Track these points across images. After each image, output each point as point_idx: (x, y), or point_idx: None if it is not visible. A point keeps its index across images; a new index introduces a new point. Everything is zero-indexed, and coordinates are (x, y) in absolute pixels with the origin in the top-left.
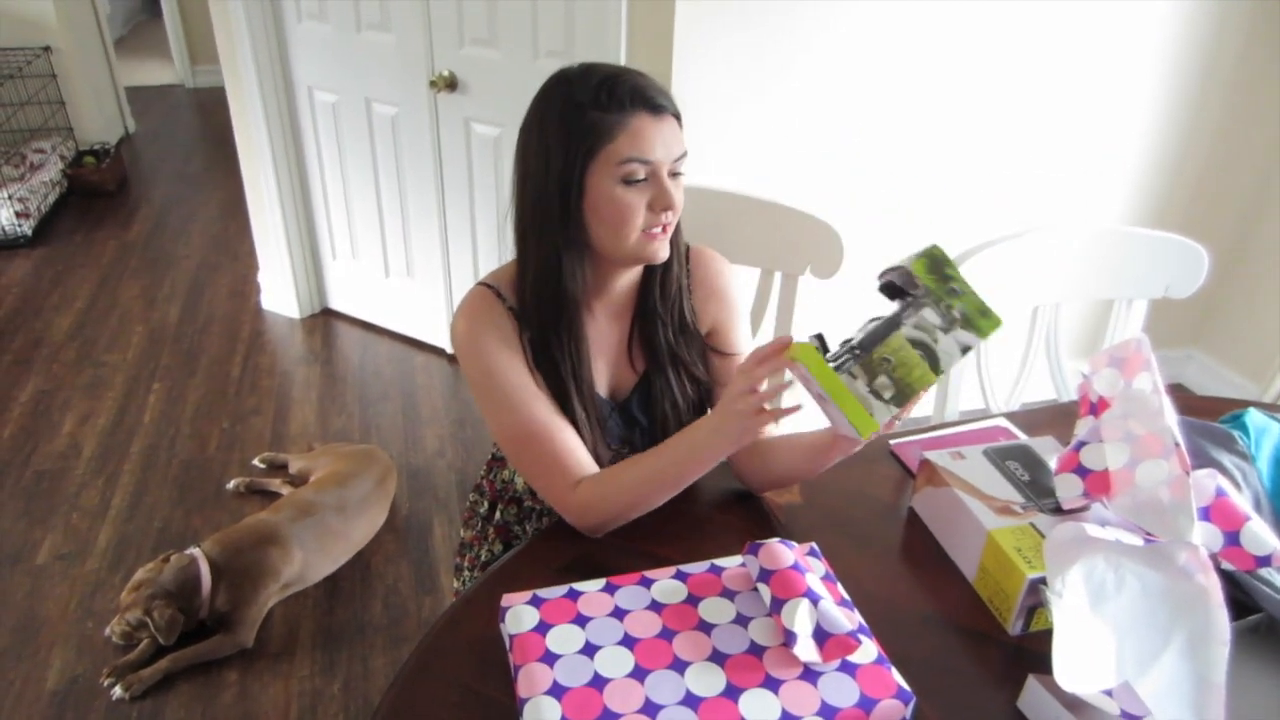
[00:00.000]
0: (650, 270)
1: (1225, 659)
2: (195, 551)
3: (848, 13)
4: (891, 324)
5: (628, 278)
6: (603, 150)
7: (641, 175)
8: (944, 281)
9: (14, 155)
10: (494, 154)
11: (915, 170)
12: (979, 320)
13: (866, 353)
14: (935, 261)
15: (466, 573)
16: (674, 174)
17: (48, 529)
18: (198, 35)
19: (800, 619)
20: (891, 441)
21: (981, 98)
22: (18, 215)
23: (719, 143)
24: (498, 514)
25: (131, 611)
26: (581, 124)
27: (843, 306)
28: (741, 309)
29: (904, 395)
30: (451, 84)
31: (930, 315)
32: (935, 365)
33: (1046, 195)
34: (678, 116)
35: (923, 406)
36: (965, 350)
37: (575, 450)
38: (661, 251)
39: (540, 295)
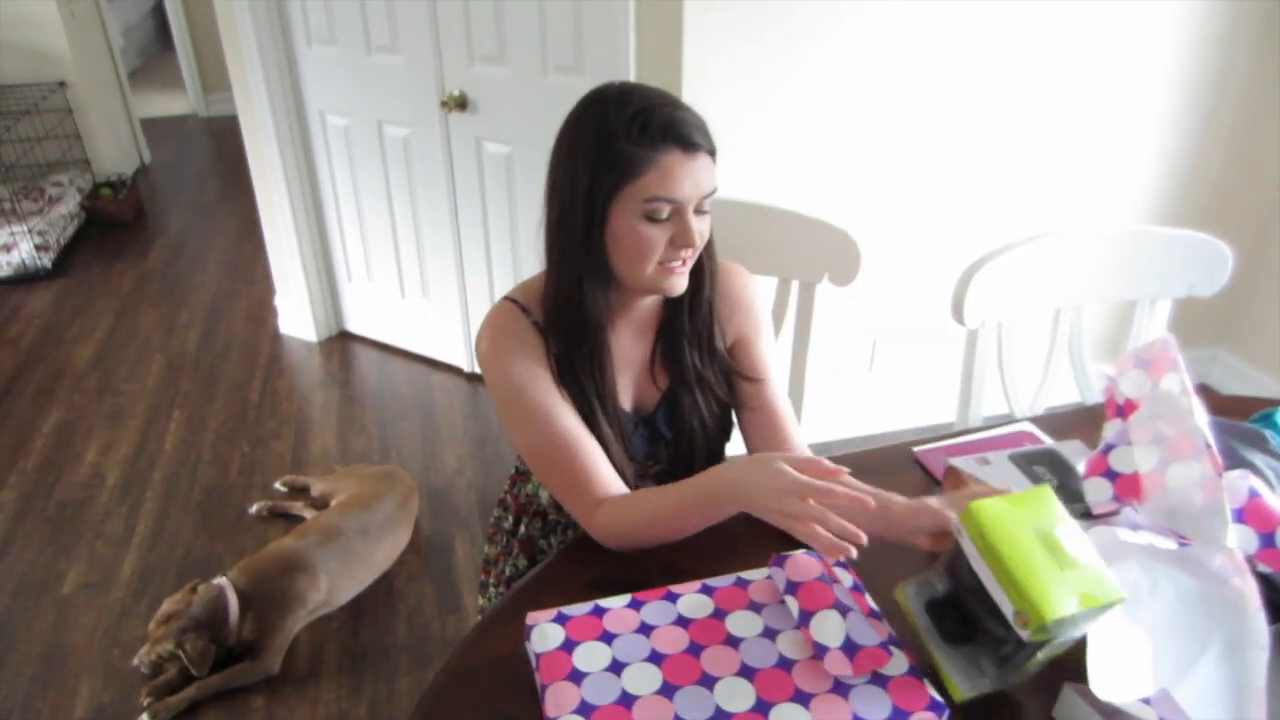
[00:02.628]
0: None
1: (1264, 664)
2: (223, 581)
3: (857, 21)
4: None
5: (652, 297)
6: (629, 185)
7: (665, 214)
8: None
9: (32, 189)
10: (506, 172)
11: (932, 174)
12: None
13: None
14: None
15: (492, 589)
16: (700, 210)
17: (72, 559)
18: (210, 65)
19: (830, 631)
20: (916, 449)
21: (996, 100)
22: (37, 248)
23: (731, 153)
24: (522, 528)
25: (163, 644)
26: (611, 154)
27: (861, 313)
28: (765, 323)
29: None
30: (462, 103)
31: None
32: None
33: (1064, 196)
34: (712, 153)
35: (945, 413)
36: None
37: (599, 468)
38: (678, 285)
39: (563, 317)
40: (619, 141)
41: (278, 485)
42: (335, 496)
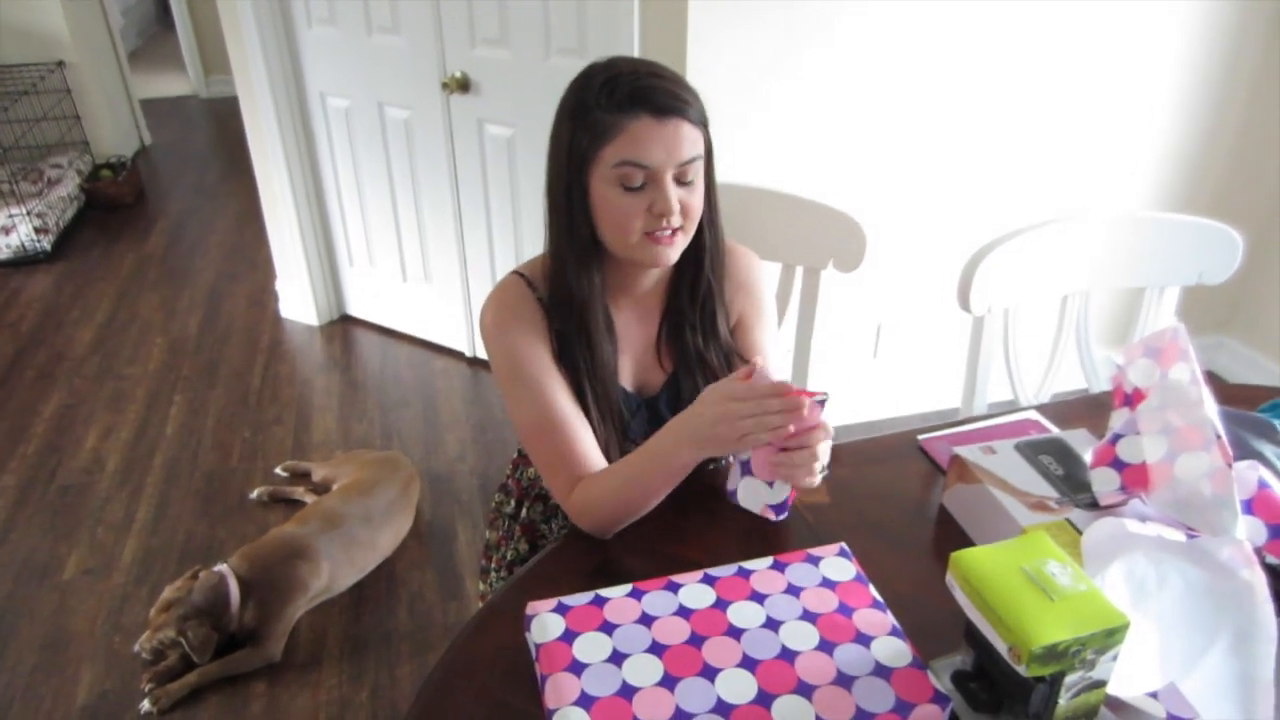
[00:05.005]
0: (680, 271)
1: (1273, 656)
2: (224, 568)
3: (865, 6)
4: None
5: (654, 276)
6: (599, 152)
7: (639, 180)
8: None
9: (31, 171)
10: (508, 155)
11: (939, 159)
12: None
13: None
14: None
15: (493, 574)
16: (682, 179)
17: (73, 544)
18: (210, 46)
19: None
20: (920, 437)
21: (1005, 86)
22: (37, 231)
23: (735, 137)
24: (524, 512)
25: (164, 631)
26: (585, 124)
27: (866, 299)
28: (768, 307)
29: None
30: (464, 85)
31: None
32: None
33: (1072, 183)
34: (697, 119)
35: (950, 399)
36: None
37: (585, 448)
38: (667, 256)
39: (557, 293)
40: (592, 111)
41: (279, 470)
42: (336, 482)
